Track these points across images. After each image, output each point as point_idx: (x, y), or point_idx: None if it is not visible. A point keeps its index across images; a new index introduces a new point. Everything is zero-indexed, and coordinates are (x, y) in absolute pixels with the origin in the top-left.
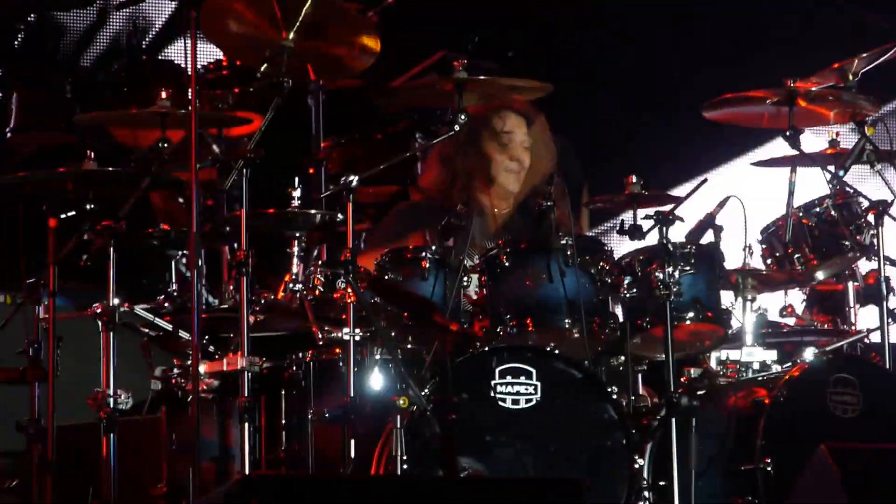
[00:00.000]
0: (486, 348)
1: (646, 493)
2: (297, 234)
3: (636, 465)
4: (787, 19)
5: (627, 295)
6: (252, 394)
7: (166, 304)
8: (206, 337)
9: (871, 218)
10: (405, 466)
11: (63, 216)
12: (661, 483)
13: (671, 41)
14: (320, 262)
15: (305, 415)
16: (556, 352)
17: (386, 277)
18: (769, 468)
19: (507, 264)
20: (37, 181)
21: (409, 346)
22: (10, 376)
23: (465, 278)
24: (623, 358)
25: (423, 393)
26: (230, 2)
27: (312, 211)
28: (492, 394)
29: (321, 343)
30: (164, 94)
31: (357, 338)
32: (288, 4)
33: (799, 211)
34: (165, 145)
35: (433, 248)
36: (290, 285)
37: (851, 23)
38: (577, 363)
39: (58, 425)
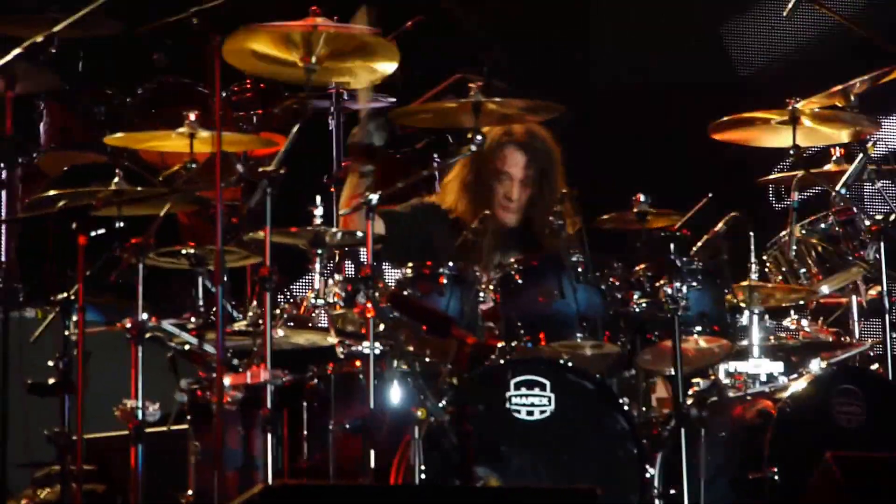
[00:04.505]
0: (502, 361)
1: (656, 502)
2: (319, 251)
3: (647, 475)
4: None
5: (637, 310)
6: (275, 405)
7: (192, 319)
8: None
9: (873, 234)
10: (423, 476)
11: (93, 234)
12: (672, 492)
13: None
14: (341, 278)
15: (326, 426)
16: (570, 364)
17: (405, 293)
18: (776, 477)
19: (519, 281)
20: (67, 199)
21: (427, 359)
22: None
23: (481, 294)
24: (634, 371)
25: (440, 404)
26: (252, 34)
27: (333, 229)
28: (507, 405)
29: (342, 356)
30: (191, 116)
31: (377, 351)
32: (310, 34)
33: (803, 227)
34: (193, 165)
35: (450, 264)
36: (312, 300)
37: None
38: (589, 375)
39: (87, 437)
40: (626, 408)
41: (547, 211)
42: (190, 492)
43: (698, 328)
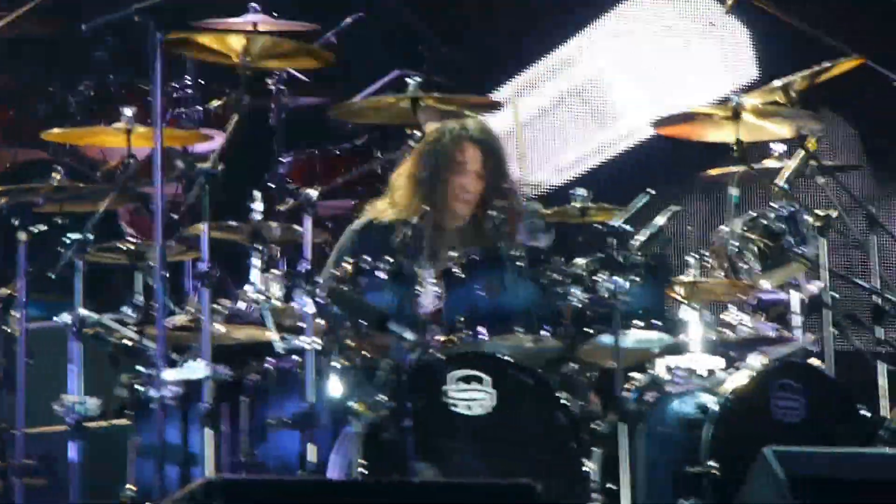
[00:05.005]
0: (442, 355)
1: (596, 496)
2: (258, 246)
3: (586, 469)
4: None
5: (577, 304)
6: (215, 400)
7: (132, 314)
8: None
9: (814, 230)
10: (362, 470)
11: (33, 230)
12: (611, 486)
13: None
14: (280, 273)
15: (266, 420)
16: (510, 359)
17: (344, 288)
18: (715, 471)
19: (461, 275)
20: (8, 196)
21: (366, 354)
22: None
23: (420, 289)
24: (574, 365)
25: (379, 399)
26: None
27: (273, 224)
28: (447, 400)
29: (281, 351)
30: (128, 112)
31: (316, 346)
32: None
33: (744, 223)
34: (132, 161)
35: (390, 259)
36: (251, 295)
37: None
38: (529, 370)
39: (27, 432)
40: (565, 402)
41: (493, 206)
42: (130, 486)
43: (639, 322)
